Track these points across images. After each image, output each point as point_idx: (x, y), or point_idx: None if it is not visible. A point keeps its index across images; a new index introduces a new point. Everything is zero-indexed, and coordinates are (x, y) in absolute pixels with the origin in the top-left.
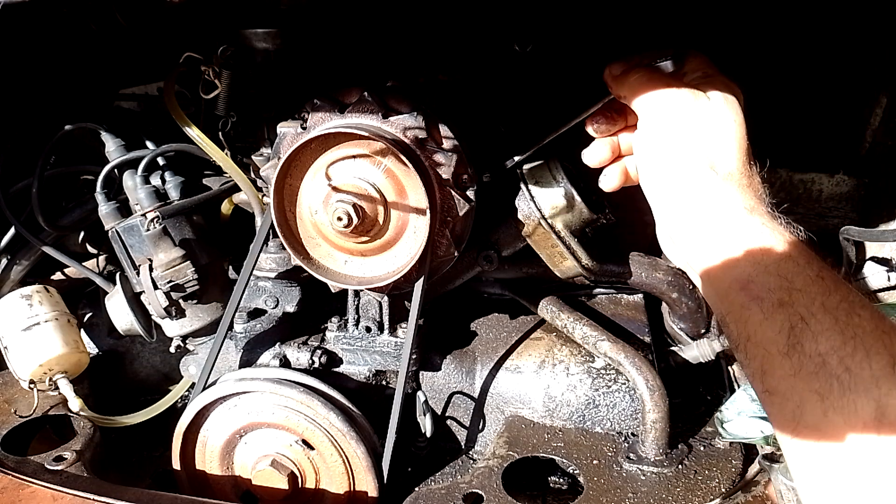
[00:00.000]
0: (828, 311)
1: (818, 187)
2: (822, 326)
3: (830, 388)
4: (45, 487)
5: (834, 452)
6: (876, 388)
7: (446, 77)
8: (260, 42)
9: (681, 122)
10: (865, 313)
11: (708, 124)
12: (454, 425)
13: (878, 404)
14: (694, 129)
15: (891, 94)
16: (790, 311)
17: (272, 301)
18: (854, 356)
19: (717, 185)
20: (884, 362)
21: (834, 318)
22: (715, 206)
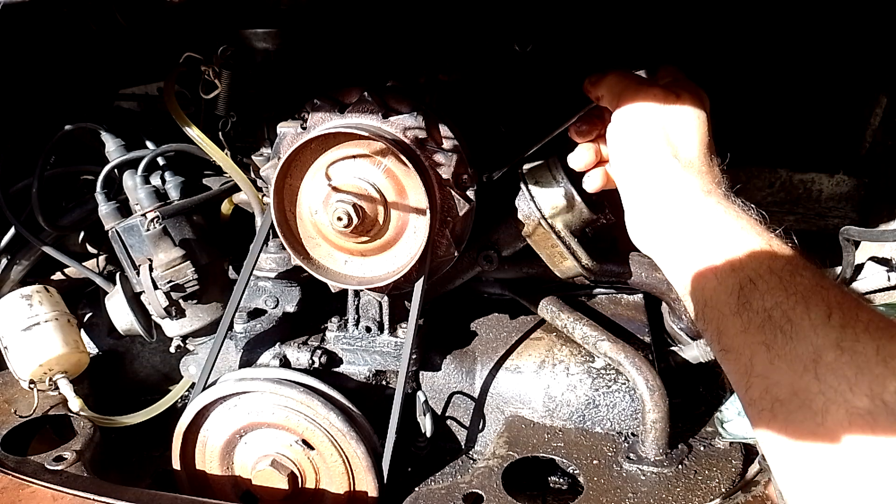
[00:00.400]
0: (773, 272)
1: (818, 187)
2: (769, 286)
3: (775, 339)
4: (45, 487)
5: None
6: (814, 335)
7: (446, 77)
8: (260, 42)
9: (647, 114)
10: (808, 273)
11: (672, 117)
12: (454, 425)
13: (815, 349)
14: (659, 121)
15: (891, 94)
16: (741, 274)
17: (272, 301)
18: (795, 308)
19: (678, 171)
20: (821, 312)
21: (778, 278)
22: (674, 188)
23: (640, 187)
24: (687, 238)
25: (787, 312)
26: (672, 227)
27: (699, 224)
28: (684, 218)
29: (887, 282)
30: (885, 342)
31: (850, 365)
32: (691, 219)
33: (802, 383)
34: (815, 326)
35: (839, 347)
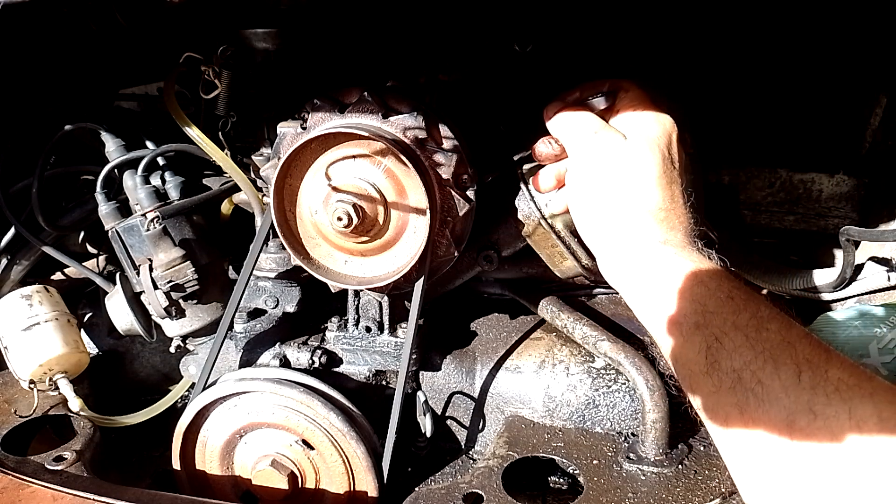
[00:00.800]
0: (738, 328)
1: (818, 187)
2: (735, 344)
3: (747, 401)
4: (45, 487)
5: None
6: (786, 398)
7: (446, 77)
8: (260, 42)
9: (601, 165)
10: (773, 326)
11: (626, 166)
12: (454, 425)
13: (787, 413)
14: (612, 172)
15: (891, 94)
16: (706, 332)
17: (272, 301)
18: (764, 369)
19: (635, 221)
20: (791, 372)
21: (745, 335)
22: (633, 240)
23: (600, 238)
24: (648, 292)
25: (757, 373)
26: (633, 279)
27: (657, 277)
28: (644, 270)
29: (887, 282)
30: (857, 403)
31: (823, 431)
32: (651, 272)
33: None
34: (786, 388)
35: (811, 412)
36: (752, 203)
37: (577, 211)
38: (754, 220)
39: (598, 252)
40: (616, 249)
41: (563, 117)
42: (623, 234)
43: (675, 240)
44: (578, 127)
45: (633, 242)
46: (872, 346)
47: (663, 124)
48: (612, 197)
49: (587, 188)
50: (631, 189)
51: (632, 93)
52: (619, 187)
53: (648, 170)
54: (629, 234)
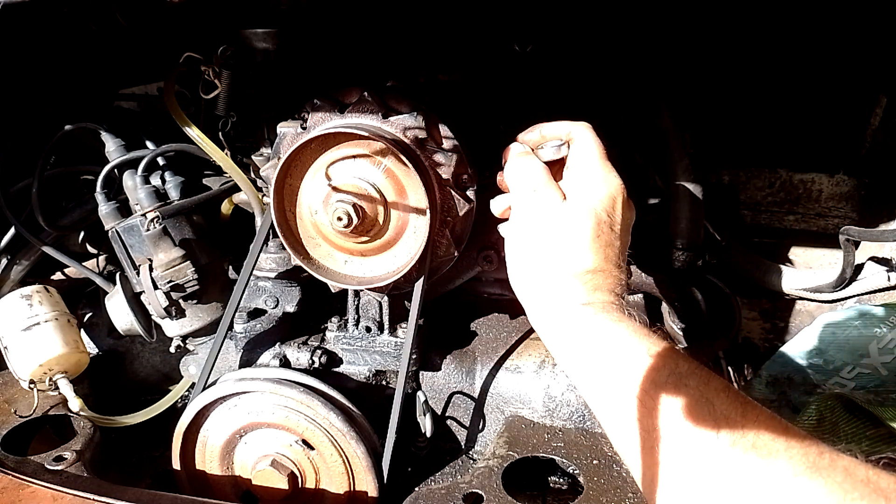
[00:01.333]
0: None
1: (818, 187)
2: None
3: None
4: (45, 487)
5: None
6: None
7: (446, 77)
8: (260, 42)
9: (534, 224)
10: (692, 381)
11: (558, 228)
12: (454, 425)
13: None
14: (544, 232)
15: (891, 94)
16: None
17: (272, 301)
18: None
19: (560, 282)
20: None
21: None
22: (556, 300)
23: (527, 295)
24: (570, 349)
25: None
26: (556, 336)
27: (578, 336)
28: (565, 329)
29: (887, 282)
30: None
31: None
32: (571, 331)
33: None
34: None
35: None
36: (752, 203)
37: (510, 264)
38: (754, 220)
39: (525, 306)
40: (541, 307)
41: (511, 166)
42: (548, 293)
43: (596, 301)
44: (522, 181)
45: (556, 302)
46: (872, 346)
47: (608, 185)
48: (542, 256)
49: (520, 245)
50: (561, 250)
51: (584, 147)
52: (549, 247)
53: (581, 233)
54: (553, 294)
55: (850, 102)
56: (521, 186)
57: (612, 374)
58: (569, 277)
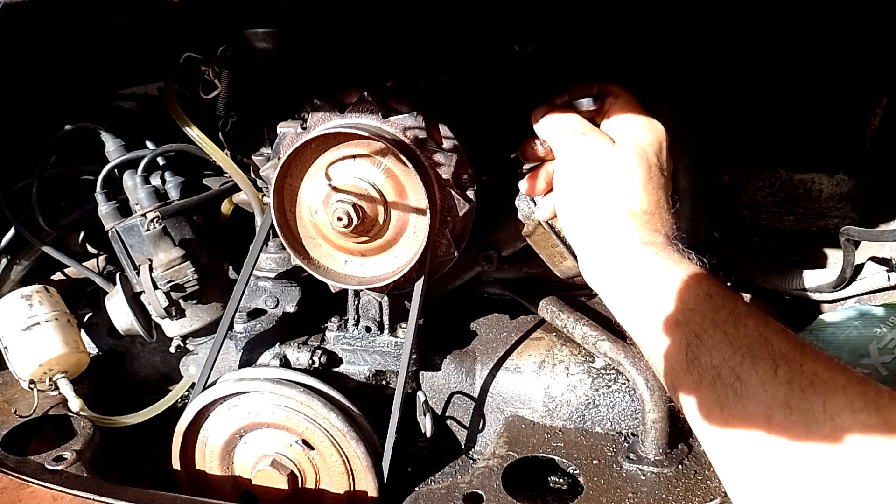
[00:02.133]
0: (717, 325)
1: (818, 187)
2: (714, 340)
3: (727, 397)
4: (45, 487)
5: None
6: (763, 393)
7: (446, 77)
8: (260, 42)
9: (586, 167)
10: (751, 322)
11: (611, 169)
12: (454, 425)
13: (765, 408)
14: (598, 174)
15: (891, 95)
16: (685, 329)
17: (272, 301)
18: (742, 365)
19: (617, 223)
20: (767, 367)
21: (723, 332)
22: (613, 241)
23: (582, 240)
24: (629, 291)
25: (735, 369)
26: (614, 279)
27: (638, 277)
28: (624, 270)
29: (887, 282)
30: (830, 396)
31: (799, 425)
32: (631, 271)
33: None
34: (764, 384)
35: (787, 406)
36: (752, 203)
37: (562, 211)
38: (754, 220)
39: (579, 252)
40: (597, 250)
41: (549, 119)
42: (604, 235)
43: (655, 241)
44: (565, 128)
45: (613, 243)
46: (872, 346)
47: (654, 130)
48: (596, 199)
49: (572, 189)
50: (615, 192)
51: (621, 98)
52: (602, 189)
53: (633, 174)
54: (610, 236)
55: (850, 102)
56: (565, 134)
57: (672, 313)
58: (625, 219)
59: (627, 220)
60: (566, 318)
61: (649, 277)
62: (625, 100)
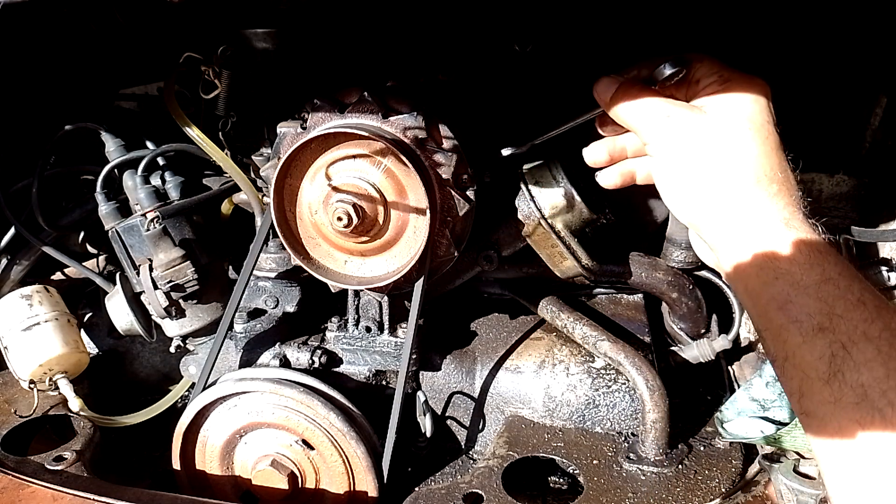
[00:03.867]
0: (870, 339)
1: (818, 187)
2: (865, 356)
3: (872, 421)
4: (45, 487)
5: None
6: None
7: (446, 77)
8: (260, 42)
9: (691, 146)
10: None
11: (721, 142)
12: (454, 425)
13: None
14: (708, 150)
15: (891, 94)
16: (831, 337)
17: (272, 301)
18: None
19: (748, 196)
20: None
21: (876, 349)
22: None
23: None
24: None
25: (888, 393)
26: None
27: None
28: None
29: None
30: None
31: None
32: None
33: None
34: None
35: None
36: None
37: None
38: None
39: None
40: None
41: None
42: (736, 213)
43: (796, 219)
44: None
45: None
46: None
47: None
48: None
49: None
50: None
51: (706, 60)
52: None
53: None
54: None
55: (850, 102)
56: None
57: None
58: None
59: (757, 189)
60: (566, 318)
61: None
62: (710, 62)
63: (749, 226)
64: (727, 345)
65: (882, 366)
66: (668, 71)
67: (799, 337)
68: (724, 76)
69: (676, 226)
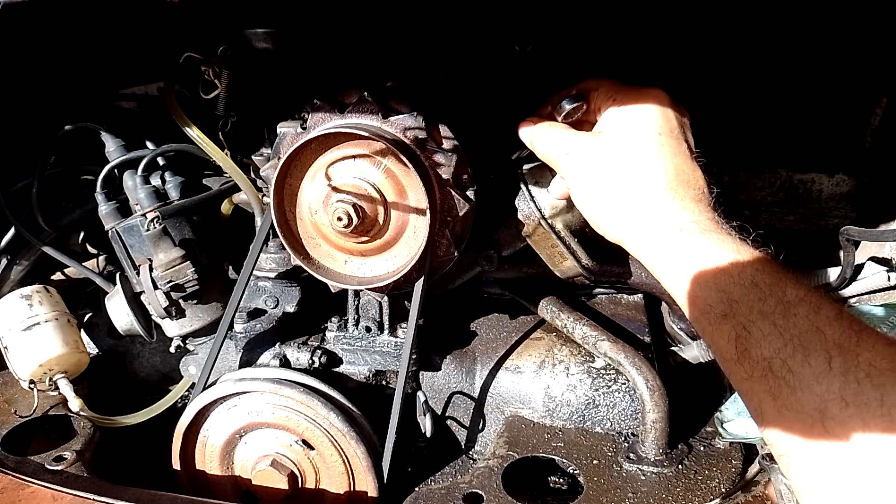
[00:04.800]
0: (765, 316)
1: (818, 187)
2: (763, 332)
3: (780, 389)
4: (45, 487)
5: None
6: (817, 385)
7: (446, 77)
8: (260, 42)
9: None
10: (801, 310)
11: (620, 157)
12: (454, 425)
13: (820, 400)
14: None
15: (891, 94)
16: (733, 321)
17: (272, 301)
18: (794, 357)
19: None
20: (821, 358)
21: (772, 323)
22: (655, 224)
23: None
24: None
25: (787, 361)
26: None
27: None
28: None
29: (887, 282)
30: (889, 388)
31: (855, 419)
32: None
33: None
34: (817, 375)
35: (843, 400)
36: (752, 203)
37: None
38: (754, 220)
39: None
40: (637, 237)
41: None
42: (639, 220)
43: (698, 218)
44: (550, 150)
45: (651, 228)
46: None
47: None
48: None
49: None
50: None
51: (602, 87)
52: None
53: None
54: (645, 220)
55: (850, 102)
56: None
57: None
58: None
59: (659, 195)
60: (566, 318)
61: (690, 267)
62: (606, 87)
63: (655, 230)
64: None
65: (778, 337)
66: (568, 107)
67: (710, 326)
68: (617, 97)
69: None
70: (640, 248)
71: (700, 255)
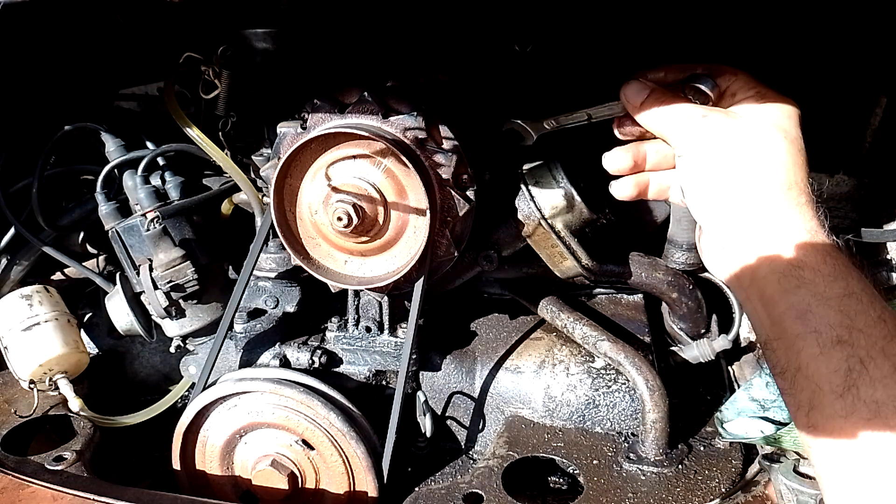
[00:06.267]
0: (888, 357)
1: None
2: (882, 373)
3: (884, 438)
4: (45, 487)
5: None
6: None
7: (446, 77)
8: (260, 42)
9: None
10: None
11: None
12: (454, 425)
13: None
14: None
15: (891, 95)
16: (849, 351)
17: (272, 301)
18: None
19: (777, 204)
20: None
21: (893, 366)
22: (776, 225)
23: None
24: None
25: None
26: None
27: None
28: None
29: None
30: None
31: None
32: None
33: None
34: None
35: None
36: None
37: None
38: None
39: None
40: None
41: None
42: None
43: (821, 232)
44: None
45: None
46: None
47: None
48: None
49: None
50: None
51: (741, 75)
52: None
53: (781, 152)
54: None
55: (850, 102)
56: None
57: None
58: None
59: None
60: (566, 318)
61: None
62: (746, 78)
63: (774, 230)
64: (727, 345)
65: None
66: (707, 90)
67: (816, 348)
68: (761, 91)
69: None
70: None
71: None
